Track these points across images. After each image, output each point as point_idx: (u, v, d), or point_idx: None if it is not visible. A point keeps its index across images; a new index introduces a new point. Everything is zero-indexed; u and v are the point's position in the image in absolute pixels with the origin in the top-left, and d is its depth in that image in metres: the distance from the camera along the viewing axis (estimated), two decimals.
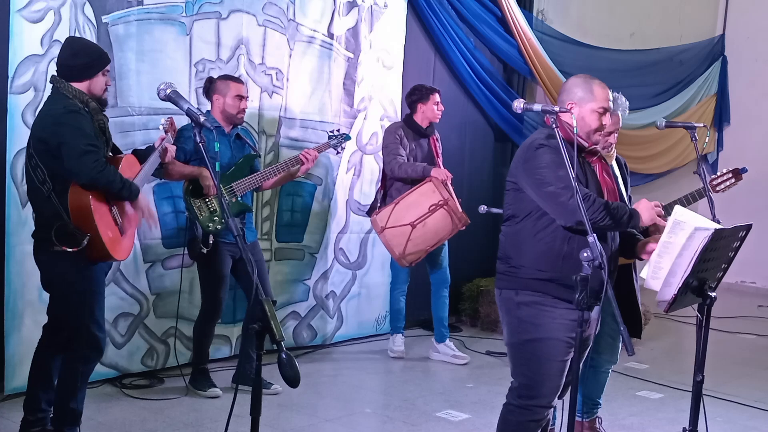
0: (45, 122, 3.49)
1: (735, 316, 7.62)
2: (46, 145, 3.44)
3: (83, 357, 3.60)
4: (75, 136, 3.40)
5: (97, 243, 3.46)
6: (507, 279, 3.17)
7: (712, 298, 2.98)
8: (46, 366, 3.69)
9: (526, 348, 3.12)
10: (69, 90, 3.52)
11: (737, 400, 5.08)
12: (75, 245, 3.41)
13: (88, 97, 3.54)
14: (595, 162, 3.22)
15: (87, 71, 3.54)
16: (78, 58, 3.54)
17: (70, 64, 3.54)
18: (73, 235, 3.41)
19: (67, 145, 3.39)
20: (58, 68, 3.58)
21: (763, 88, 9.66)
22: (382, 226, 5.22)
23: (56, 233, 3.40)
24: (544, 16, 7.77)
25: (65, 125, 3.42)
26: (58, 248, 3.42)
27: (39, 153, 3.47)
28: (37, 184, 3.48)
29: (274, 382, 4.55)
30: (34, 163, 3.49)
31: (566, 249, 3.04)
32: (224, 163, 4.56)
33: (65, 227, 3.41)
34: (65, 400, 3.59)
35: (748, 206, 8.38)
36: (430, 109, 5.52)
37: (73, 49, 3.58)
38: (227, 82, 4.60)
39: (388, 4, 6.15)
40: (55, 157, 3.42)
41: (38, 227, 3.59)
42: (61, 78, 3.54)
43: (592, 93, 3.12)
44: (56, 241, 3.40)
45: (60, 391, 3.61)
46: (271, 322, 2.41)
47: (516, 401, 3.17)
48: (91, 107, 3.54)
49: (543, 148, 3.04)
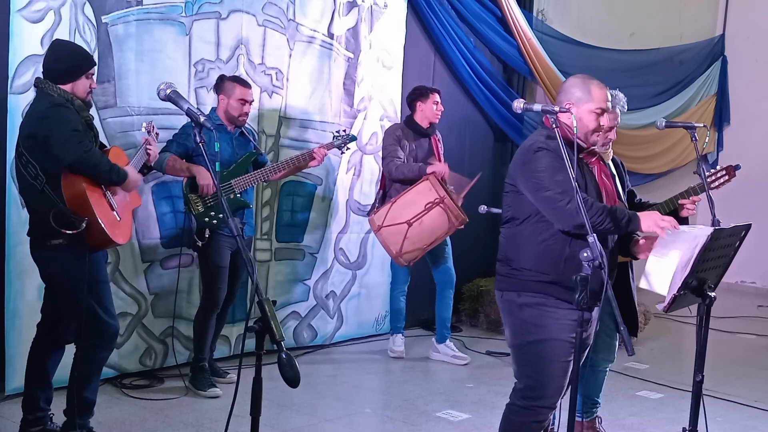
0: (31, 119, 3.53)
1: (735, 316, 7.62)
2: (34, 140, 3.47)
3: (93, 346, 3.61)
4: (60, 126, 3.44)
5: (96, 227, 3.46)
6: (508, 281, 3.17)
7: (711, 298, 2.97)
8: (42, 364, 3.70)
9: (530, 349, 3.12)
10: (54, 90, 3.55)
11: (737, 400, 5.08)
12: (74, 228, 3.41)
13: (72, 96, 3.57)
14: (594, 163, 3.21)
15: (70, 75, 3.58)
16: (61, 62, 3.58)
17: (53, 68, 3.58)
18: (71, 219, 3.41)
19: (53, 133, 3.42)
20: (44, 71, 3.62)
21: (763, 88, 9.66)
22: (378, 224, 5.22)
23: (54, 218, 3.39)
24: (544, 16, 7.77)
25: (50, 118, 3.46)
26: (56, 240, 3.43)
27: (28, 149, 3.49)
28: (30, 180, 3.49)
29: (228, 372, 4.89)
30: (24, 160, 3.51)
31: (568, 251, 3.04)
32: (225, 160, 4.62)
33: (62, 212, 3.42)
34: (79, 389, 3.60)
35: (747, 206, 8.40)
36: (430, 108, 5.53)
37: (56, 53, 3.61)
38: (234, 85, 4.67)
39: (388, 4, 6.15)
40: (44, 150, 3.44)
41: (34, 224, 3.61)
42: (46, 80, 3.58)
43: (590, 93, 3.11)
44: (55, 224, 3.39)
45: (73, 380, 3.61)
46: (271, 322, 2.41)
47: (520, 402, 3.16)
48: (76, 104, 3.57)
49: (541, 152, 3.02)
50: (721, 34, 10.03)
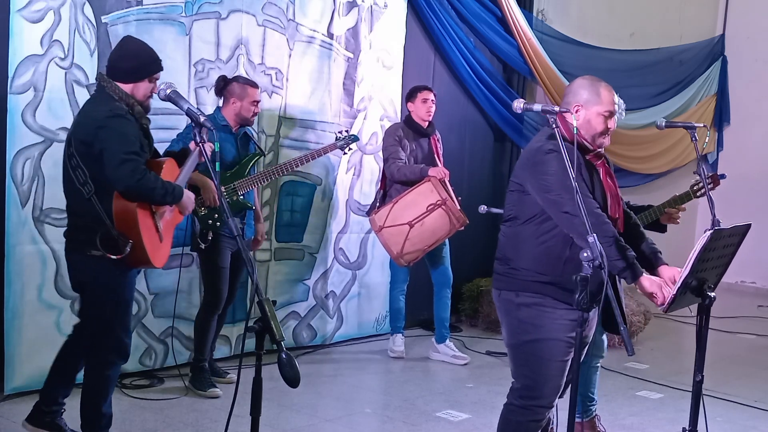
0: (88, 124, 3.38)
1: (735, 316, 7.62)
2: (89, 147, 3.34)
3: (109, 362, 3.53)
4: (117, 142, 3.30)
5: (139, 250, 3.37)
6: (506, 280, 3.16)
7: (711, 298, 2.97)
8: (71, 363, 3.65)
9: (527, 349, 3.12)
10: (115, 91, 3.43)
11: (737, 400, 5.08)
12: (118, 252, 3.32)
13: (133, 100, 3.45)
14: (599, 165, 3.19)
15: (133, 75, 3.45)
16: (126, 61, 3.46)
17: (117, 65, 3.47)
18: (116, 242, 3.32)
19: (108, 151, 3.29)
20: (107, 67, 3.51)
21: (763, 88, 9.66)
22: (380, 225, 5.23)
23: (101, 241, 3.30)
24: (544, 16, 7.77)
25: (108, 129, 3.31)
26: (97, 252, 3.33)
27: (81, 155, 3.36)
28: (78, 185, 3.38)
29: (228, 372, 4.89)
30: (74, 163, 3.38)
31: (568, 253, 3.03)
32: (228, 161, 4.63)
33: (109, 233, 3.32)
34: (98, 404, 3.51)
35: (747, 206, 8.40)
36: (418, 107, 5.54)
37: (123, 50, 3.50)
38: (245, 87, 4.67)
39: (388, 4, 6.15)
40: (97, 161, 3.32)
41: (73, 228, 3.48)
42: (109, 77, 3.46)
43: (599, 96, 3.10)
44: (101, 247, 3.31)
45: (90, 395, 3.52)
46: (271, 322, 2.41)
47: (518, 401, 3.16)
48: (136, 111, 3.45)
49: (552, 154, 2.99)
50: (721, 34, 10.02)
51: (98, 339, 3.50)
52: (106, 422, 3.56)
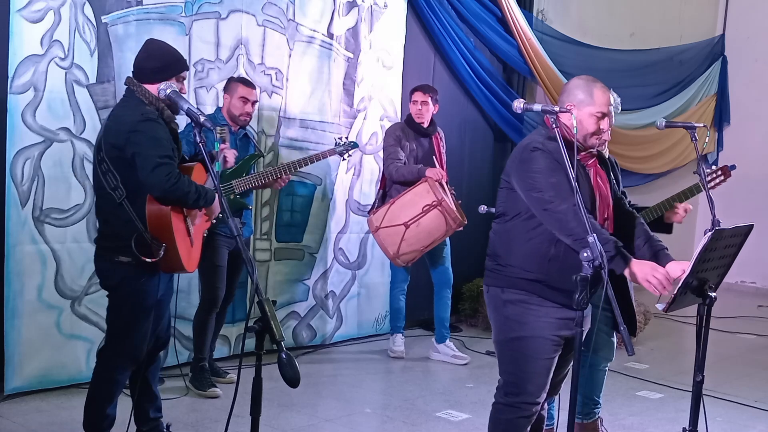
0: (119, 129, 3.34)
1: (735, 316, 7.62)
2: (121, 152, 3.31)
3: (119, 366, 3.51)
4: (150, 147, 3.27)
5: (173, 254, 3.35)
6: (494, 276, 3.18)
7: (712, 298, 2.97)
8: (144, 379, 3.62)
9: (512, 346, 3.14)
10: (145, 94, 3.40)
11: (737, 400, 5.08)
12: (152, 256, 3.30)
13: (163, 104, 3.41)
14: (591, 165, 3.19)
15: (159, 74, 3.41)
16: (151, 61, 3.44)
17: (143, 66, 3.45)
18: (150, 246, 3.30)
19: (142, 155, 3.26)
20: (134, 69, 3.49)
21: (763, 88, 9.66)
22: (376, 225, 5.24)
23: (135, 244, 3.27)
24: (544, 16, 7.77)
25: (141, 133, 3.28)
26: (124, 258, 3.31)
27: (112, 159, 3.33)
28: (108, 190, 3.34)
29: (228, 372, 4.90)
30: (105, 167, 3.35)
31: (553, 252, 3.03)
32: None
33: (143, 237, 3.30)
34: (103, 406, 3.50)
35: (747, 206, 8.40)
36: (411, 107, 5.55)
37: (148, 51, 3.49)
38: (236, 84, 4.70)
39: (388, 4, 6.15)
40: (130, 165, 3.30)
41: (102, 235, 3.46)
42: (137, 80, 3.44)
43: (593, 97, 3.09)
44: (136, 250, 3.28)
45: (96, 396, 3.51)
46: (270, 322, 2.41)
47: (503, 399, 3.19)
48: (166, 115, 3.42)
49: (538, 152, 3.01)
50: (721, 34, 10.03)
51: (113, 342, 3.49)
52: (108, 424, 3.56)
